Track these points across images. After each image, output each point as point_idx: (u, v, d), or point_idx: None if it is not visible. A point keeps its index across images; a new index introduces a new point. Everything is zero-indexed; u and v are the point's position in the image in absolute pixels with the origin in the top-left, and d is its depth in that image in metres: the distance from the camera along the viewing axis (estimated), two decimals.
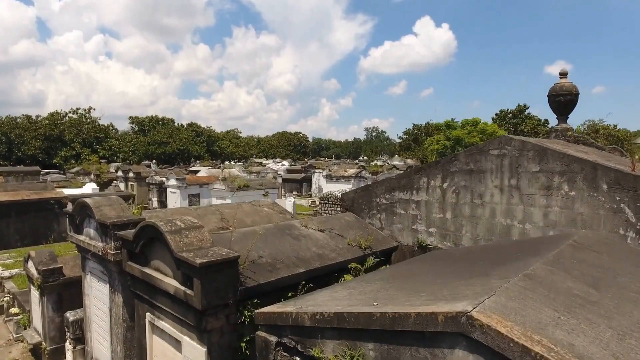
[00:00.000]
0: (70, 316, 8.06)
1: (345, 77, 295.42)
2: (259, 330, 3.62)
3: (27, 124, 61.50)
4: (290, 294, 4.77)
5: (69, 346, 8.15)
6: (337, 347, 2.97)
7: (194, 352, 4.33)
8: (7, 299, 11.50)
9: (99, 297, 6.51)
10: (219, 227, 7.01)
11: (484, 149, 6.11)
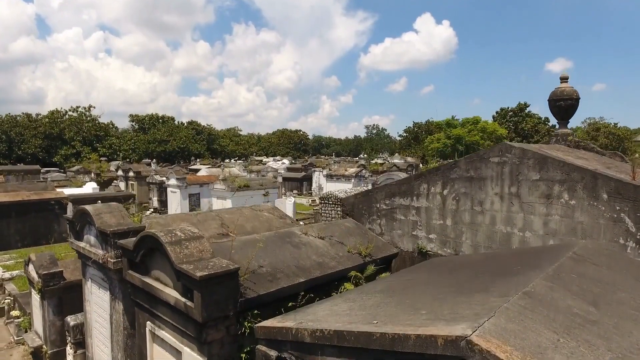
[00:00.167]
0: (71, 321, 8.07)
1: (345, 74, 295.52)
2: (259, 344, 3.63)
3: (27, 122, 61.43)
4: (290, 304, 4.78)
5: (69, 350, 8.18)
6: None
7: None
8: (8, 301, 11.52)
9: (99, 303, 6.52)
10: (219, 233, 7.02)
11: (484, 156, 6.10)
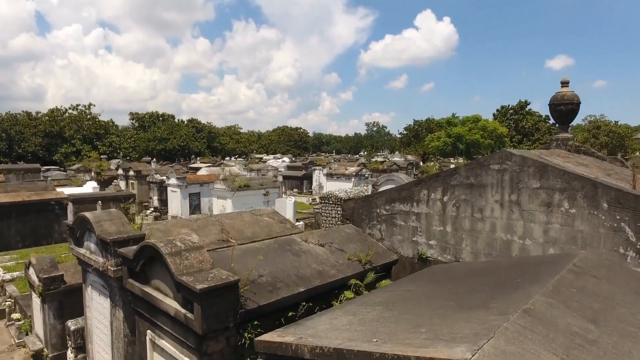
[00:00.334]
0: (71, 325, 8.09)
1: (345, 71, 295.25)
2: (259, 358, 3.64)
3: (27, 121, 61.34)
4: (290, 314, 4.79)
5: (70, 355, 8.20)
6: None
7: None
8: (9, 303, 11.53)
9: (99, 310, 6.53)
10: (220, 239, 7.02)
11: (485, 164, 6.10)
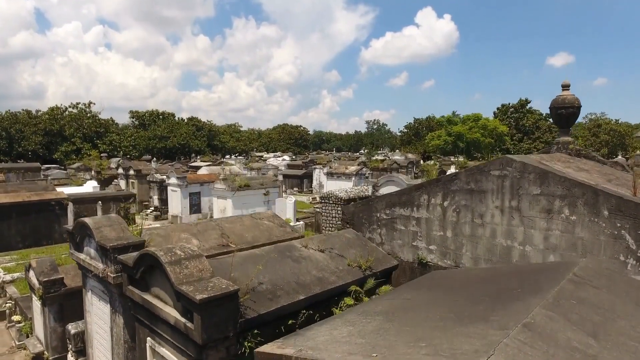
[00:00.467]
0: (72, 329, 8.09)
1: (346, 69, 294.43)
2: None
3: (27, 119, 61.30)
4: (290, 322, 4.79)
5: (71, 358, 8.21)
6: None
7: None
8: (10, 305, 11.54)
9: (100, 315, 6.53)
10: (220, 243, 7.02)
11: (485, 169, 6.09)
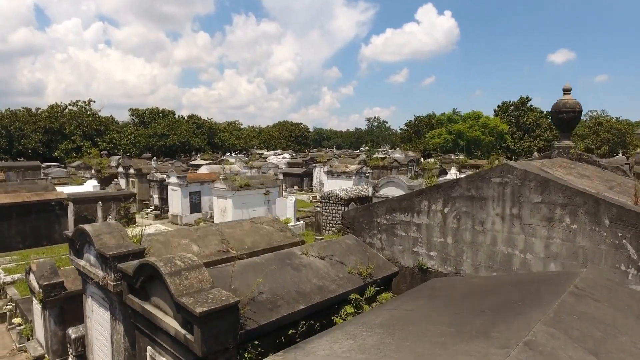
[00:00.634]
0: (72, 333, 8.10)
1: (346, 65, 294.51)
2: None
3: (27, 117, 61.18)
4: (290, 332, 4.79)
5: None
6: None
7: None
8: (10, 307, 11.55)
9: (100, 322, 6.53)
10: (220, 249, 7.01)
11: (486, 176, 6.07)
